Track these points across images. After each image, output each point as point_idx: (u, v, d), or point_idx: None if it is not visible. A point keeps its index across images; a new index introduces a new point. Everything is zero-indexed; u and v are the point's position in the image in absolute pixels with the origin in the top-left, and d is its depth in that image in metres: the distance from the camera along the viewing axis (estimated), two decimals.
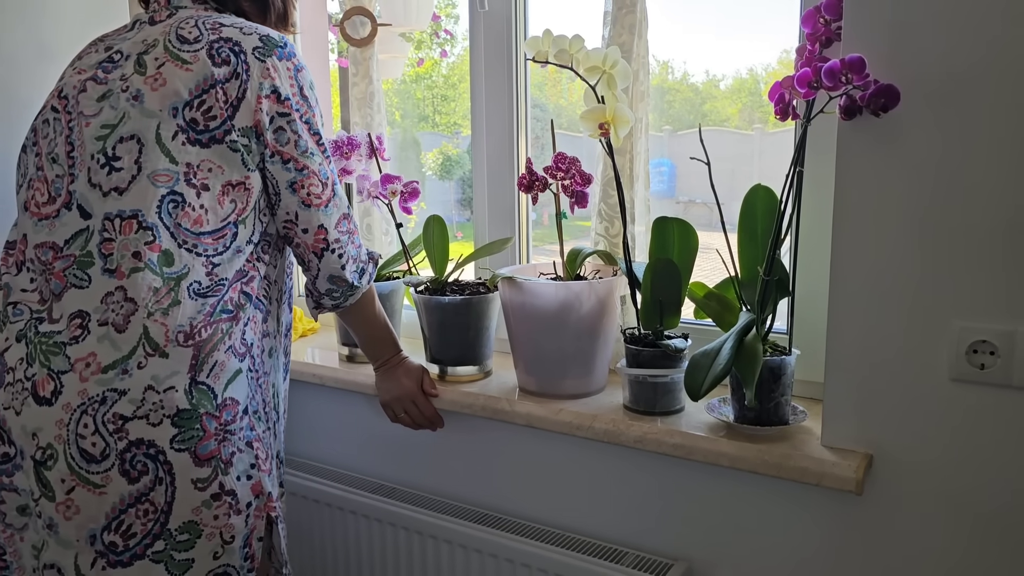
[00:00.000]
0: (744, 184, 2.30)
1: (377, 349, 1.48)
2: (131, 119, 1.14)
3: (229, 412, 1.15)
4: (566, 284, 1.39)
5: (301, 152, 1.21)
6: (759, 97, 2.28)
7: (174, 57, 1.16)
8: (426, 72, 3.48)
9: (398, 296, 1.69)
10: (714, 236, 1.33)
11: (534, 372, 1.47)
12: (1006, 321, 1.07)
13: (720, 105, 2.35)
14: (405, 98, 3.90)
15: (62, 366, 1.10)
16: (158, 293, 1.12)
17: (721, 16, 1.90)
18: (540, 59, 1.35)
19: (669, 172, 2.43)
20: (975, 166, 1.06)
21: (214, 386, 1.14)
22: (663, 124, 2.36)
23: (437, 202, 3.90)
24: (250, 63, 1.17)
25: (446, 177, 3.87)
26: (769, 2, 1.80)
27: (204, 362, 1.13)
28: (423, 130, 4.00)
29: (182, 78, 1.15)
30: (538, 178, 1.38)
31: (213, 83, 1.15)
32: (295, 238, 1.25)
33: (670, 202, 2.55)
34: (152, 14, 1.25)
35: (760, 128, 2.36)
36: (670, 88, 2.34)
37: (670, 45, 1.99)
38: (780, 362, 1.23)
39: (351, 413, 1.75)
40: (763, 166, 2.35)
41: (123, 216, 1.13)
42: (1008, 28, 1.01)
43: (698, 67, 2.31)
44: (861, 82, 1.07)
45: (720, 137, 2.43)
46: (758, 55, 2.18)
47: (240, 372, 1.18)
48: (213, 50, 1.16)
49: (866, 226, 1.13)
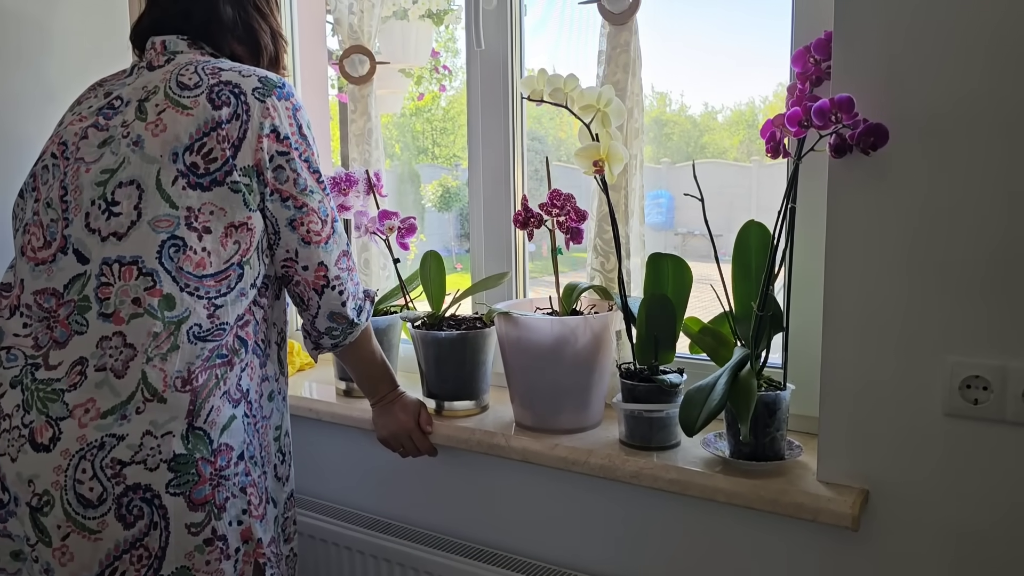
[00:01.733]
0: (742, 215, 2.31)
1: (374, 386, 1.48)
2: (131, 164, 1.16)
3: (224, 458, 1.15)
4: (561, 319, 1.40)
5: (300, 190, 1.23)
6: (756, 129, 2.30)
7: (174, 103, 1.17)
8: (425, 105, 3.52)
9: (395, 330, 1.70)
10: (713, 267, 1.34)
11: (530, 407, 1.47)
12: (998, 356, 1.07)
13: (718, 137, 2.37)
14: (404, 131, 3.94)
15: (60, 412, 1.10)
16: (158, 338, 1.12)
17: (718, 49, 1.92)
18: (535, 98, 1.37)
19: (667, 204, 2.44)
20: (964, 202, 1.07)
21: (210, 432, 1.14)
22: (661, 156, 2.37)
23: (436, 234, 3.92)
24: (250, 103, 1.19)
25: (445, 209, 3.89)
26: (765, 35, 1.83)
27: (201, 408, 1.14)
28: (422, 162, 4.03)
29: (183, 123, 1.16)
30: (533, 215, 1.39)
31: (215, 125, 1.16)
32: (295, 276, 1.26)
33: (668, 234, 2.56)
34: (150, 60, 1.26)
35: (758, 160, 2.38)
36: (668, 120, 2.36)
37: (668, 77, 2.02)
38: (775, 397, 1.23)
39: (347, 448, 1.75)
40: (761, 197, 2.37)
41: (123, 262, 1.14)
42: (993, 67, 1.03)
43: (696, 99, 2.33)
44: (850, 121, 1.09)
45: (718, 169, 2.45)
46: (755, 88, 2.21)
47: (235, 418, 1.18)
48: (213, 94, 1.18)
49: (858, 262, 1.14)
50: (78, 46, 1.79)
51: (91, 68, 1.75)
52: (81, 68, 1.78)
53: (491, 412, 1.58)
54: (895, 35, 1.09)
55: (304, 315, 1.31)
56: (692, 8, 1.84)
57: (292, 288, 1.28)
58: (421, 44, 2.42)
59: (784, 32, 1.39)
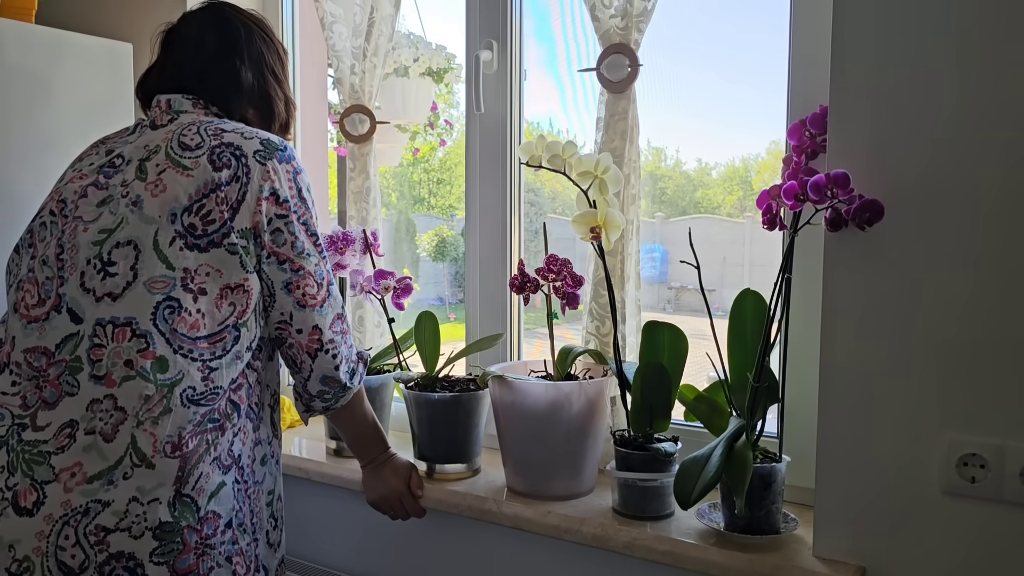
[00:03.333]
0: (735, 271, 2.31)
1: (365, 448, 1.46)
2: (129, 224, 1.15)
3: (210, 526, 1.13)
4: (556, 384, 1.39)
5: (297, 253, 1.22)
6: (750, 186, 2.33)
7: (175, 164, 1.18)
8: (423, 156, 3.55)
9: (388, 390, 1.69)
10: (705, 322, 1.33)
11: (523, 472, 1.45)
12: (995, 435, 1.07)
13: (711, 193, 2.39)
14: (402, 180, 3.96)
15: (46, 476, 1.08)
16: (150, 401, 1.11)
17: (712, 106, 1.96)
18: (534, 163, 1.38)
19: (661, 258, 2.45)
20: (960, 278, 1.07)
21: (198, 499, 1.12)
22: (655, 211, 2.39)
23: (431, 284, 3.92)
24: (251, 166, 1.19)
25: (440, 259, 3.89)
26: (757, 95, 1.86)
27: (189, 474, 1.12)
28: (418, 212, 4.04)
29: (182, 184, 1.16)
30: (530, 280, 1.39)
31: (214, 187, 1.16)
32: (288, 339, 1.25)
33: (662, 287, 2.56)
34: (153, 118, 1.27)
35: (751, 216, 2.40)
36: (663, 175, 2.39)
37: (664, 133, 2.05)
38: (770, 469, 1.22)
39: (337, 510, 1.72)
40: (754, 253, 2.38)
41: (116, 323, 1.12)
42: (986, 144, 1.05)
43: (690, 155, 2.36)
44: (846, 196, 1.10)
45: (712, 224, 2.47)
46: (749, 146, 2.24)
47: (224, 485, 1.16)
48: (214, 155, 1.18)
49: (854, 337, 1.14)
50: (79, 100, 1.80)
51: (91, 123, 1.77)
52: (81, 122, 1.79)
53: (483, 476, 1.56)
54: (890, 112, 1.10)
55: (296, 377, 1.30)
56: (687, 67, 1.87)
57: (285, 350, 1.27)
58: (421, 101, 2.45)
59: (776, 92, 1.41)
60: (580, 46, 1.65)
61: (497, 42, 1.67)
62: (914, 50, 1.09)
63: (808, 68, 1.34)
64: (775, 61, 1.42)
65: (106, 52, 1.86)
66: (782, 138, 1.37)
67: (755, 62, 1.90)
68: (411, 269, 3.94)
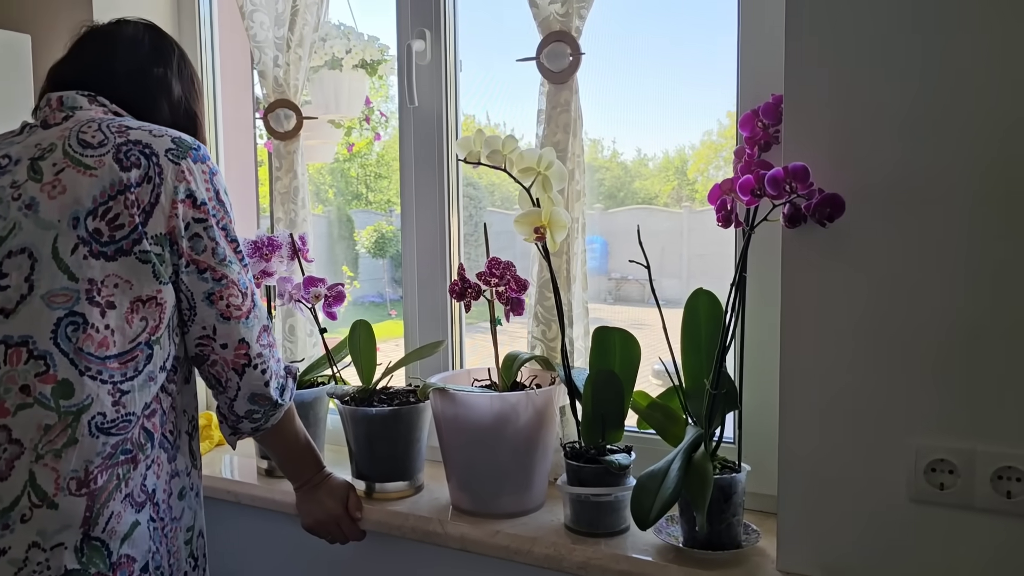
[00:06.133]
0: (673, 260, 2.26)
1: (298, 469, 1.36)
2: (23, 231, 1.02)
3: (124, 571, 1.02)
4: (502, 396, 1.31)
5: (219, 260, 1.11)
6: (685, 175, 2.30)
7: (75, 163, 1.05)
8: (359, 151, 3.44)
9: (323, 404, 1.58)
10: (649, 312, 1.26)
11: (468, 488, 1.36)
12: (965, 439, 1.01)
13: (648, 184, 2.36)
14: (338, 176, 3.84)
15: None
16: (50, 432, 0.98)
17: (647, 96, 1.91)
18: (472, 160, 1.29)
19: (601, 249, 2.40)
20: (926, 277, 1.02)
21: (109, 542, 1.00)
22: (594, 202, 2.34)
23: (370, 280, 3.82)
24: (163, 165, 1.08)
25: (379, 255, 3.79)
26: (693, 85, 1.82)
27: (99, 514, 1.00)
28: (356, 208, 3.93)
29: (85, 185, 1.03)
30: (471, 285, 1.30)
31: (122, 188, 1.04)
32: (211, 355, 1.13)
33: (602, 279, 2.52)
34: (44, 117, 1.14)
35: (688, 206, 2.37)
36: (601, 166, 2.34)
37: (600, 125, 1.99)
38: (730, 481, 1.15)
39: (270, 534, 1.60)
40: (692, 244, 2.36)
41: (9, 343, 0.99)
42: (954, 135, 0.99)
43: (628, 146, 2.33)
44: (805, 191, 1.03)
45: (650, 215, 2.44)
46: (684, 135, 2.22)
47: (138, 525, 1.04)
48: (121, 153, 1.06)
49: (815, 338, 1.08)
50: None
51: None
52: None
53: (426, 493, 1.47)
54: (850, 100, 1.04)
55: (220, 398, 1.18)
56: (623, 57, 1.81)
57: (207, 369, 1.15)
58: (354, 95, 2.33)
59: (712, 82, 1.36)
60: (519, 35, 1.56)
61: (430, 31, 1.57)
62: (874, 36, 1.02)
63: (759, 55, 1.28)
64: (713, 49, 1.37)
65: (4, 43, 1.71)
66: (715, 128, 1.32)
67: (693, 50, 1.85)
68: (350, 266, 3.83)
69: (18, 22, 1.80)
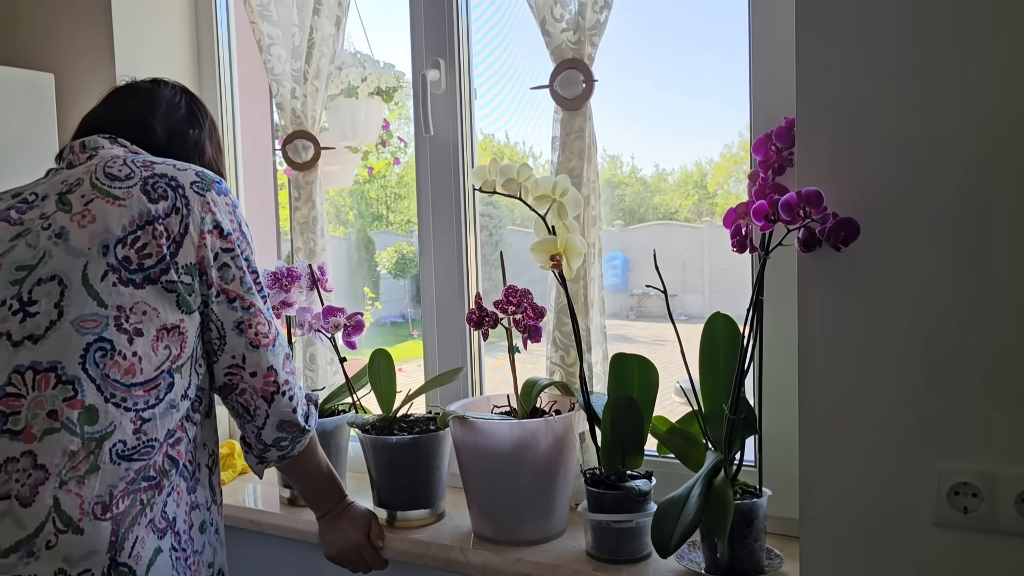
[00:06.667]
0: (696, 277, 2.24)
1: (320, 498, 1.37)
2: (53, 258, 1.04)
3: None
4: (521, 423, 1.31)
5: (246, 289, 1.14)
6: (707, 190, 2.29)
7: (104, 193, 1.08)
8: (379, 173, 3.47)
9: (343, 432, 1.59)
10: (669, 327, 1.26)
11: (489, 516, 1.36)
12: (988, 462, 1.00)
13: (668, 198, 2.36)
14: (359, 198, 3.86)
15: None
16: (75, 457, 0.99)
17: (665, 111, 1.92)
18: (487, 189, 1.30)
19: (622, 265, 2.39)
20: (945, 297, 1.01)
21: (135, 568, 1.01)
22: (614, 218, 2.34)
23: (392, 301, 3.83)
24: (189, 197, 1.11)
25: (400, 276, 3.80)
26: (710, 99, 1.82)
27: (124, 539, 1.01)
28: (377, 229, 3.95)
29: (114, 214, 1.06)
30: (488, 314, 1.31)
31: (150, 219, 1.07)
32: (240, 384, 1.15)
33: (624, 295, 2.51)
34: (68, 160, 1.17)
35: (709, 221, 2.36)
36: (620, 182, 2.34)
37: (618, 140, 2.00)
38: (752, 506, 1.15)
39: (293, 563, 1.61)
40: (713, 257, 2.34)
41: (38, 368, 1.01)
42: (967, 156, 0.99)
43: (646, 161, 2.33)
44: (819, 216, 1.03)
45: (670, 231, 2.43)
46: (703, 149, 2.21)
47: (160, 552, 1.05)
48: (148, 186, 1.09)
49: (833, 362, 1.07)
50: (2, 132, 1.68)
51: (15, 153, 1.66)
52: (4, 153, 1.67)
53: (448, 520, 1.47)
54: (862, 121, 1.04)
55: (248, 427, 1.20)
56: (639, 71, 1.82)
57: (236, 398, 1.17)
58: (371, 121, 2.35)
59: (728, 95, 1.36)
60: (532, 62, 1.57)
61: (444, 60, 1.59)
62: (885, 58, 1.02)
63: (770, 77, 1.28)
64: (728, 64, 1.37)
65: (28, 82, 1.75)
66: (735, 141, 1.32)
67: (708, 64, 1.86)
68: (371, 287, 3.84)
69: (41, 61, 1.84)
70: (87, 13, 1.81)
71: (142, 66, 1.83)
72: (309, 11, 1.70)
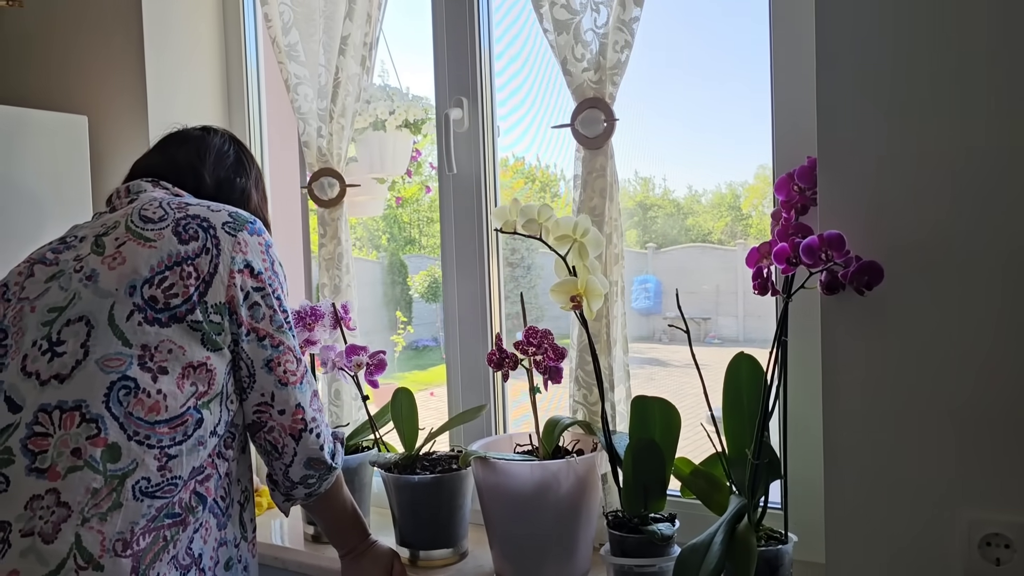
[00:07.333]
0: (730, 300, 2.21)
1: (344, 537, 1.36)
2: (82, 300, 1.07)
3: None
4: (543, 464, 1.30)
5: (276, 328, 1.16)
6: (740, 211, 2.27)
7: (136, 236, 1.11)
8: (409, 199, 3.50)
9: (367, 469, 1.59)
10: (703, 351, 1.24)
11: (511, 557, 1.35)
12: (1021, 512, 0.98)
13: (702, 220, 2.34)
14: (392, 222, 3.89)
15: None
16: (97, 495, 1.00)
17: (697, 132, 1.91)
18: (508, 229, 1.30)
19: (655, 288, 2.38)
20: (973, 342, 0.99)
21: None
22: (647, 241, 2.33)
23: (424, 324, 3.85)
24: (220, 237, 1.13)
25: (432, 300, 3.82)
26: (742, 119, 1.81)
27: (145, 575, 1.02)
28: (410, 252, 3.98)
29: (143, 256, 1.09)
30: (508, 356, 1.31)
31: (179, 260, 1.09)
32: (268, 422, 1.16)
33: (656, 318, 2.49)
34: (113, 205, 1.23)
35: (742, 243, 2.34)
36: (653, 204, 2.33)
37: (650, 162, 1.99)
38: (776, 553, 1.13)
39: None
40: (747, 279, 2.32)
41: (64, 408, 1.03)
42: (993, 197, 0.97)
43: (679, 183, 2.32)
44: (842, 259, 1.02)
45: (703, 253, 2.41)
46: (736, 172, 2.20)
47: None
48: (180, 227, 1.12)
49: (858, 407, 1.05)
50: (38, 174, 1.73)
51: (50, 194, 1.70)
52: (40, 194, 1.72)
53: (470, 559, 1.46)
54: (884, 164, 1.03)
55: (275, 464, 1.20)
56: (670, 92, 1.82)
57: (264, 436, 1.17)
58: (399, 153, 2.37)
59: (762, 117, 1.35)
60: (554, 100, 1.58)
61: (467, 99, 1.61)
62: (907, 98, 1.01)
63: (791, 115, 1.28)
64: (757, 87, 1.36)
65: (63, 125, 1.80)
66: (769, 163, 1.32)
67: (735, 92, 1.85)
68: (403, 311, 3.87)
69: (75, 104, 1.89)
70: (120, 56, 1.86)
71: (174, 107, 1.87)
72: (335, 51, 1.72)
